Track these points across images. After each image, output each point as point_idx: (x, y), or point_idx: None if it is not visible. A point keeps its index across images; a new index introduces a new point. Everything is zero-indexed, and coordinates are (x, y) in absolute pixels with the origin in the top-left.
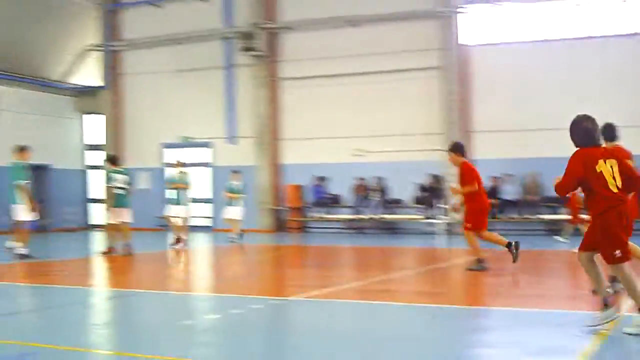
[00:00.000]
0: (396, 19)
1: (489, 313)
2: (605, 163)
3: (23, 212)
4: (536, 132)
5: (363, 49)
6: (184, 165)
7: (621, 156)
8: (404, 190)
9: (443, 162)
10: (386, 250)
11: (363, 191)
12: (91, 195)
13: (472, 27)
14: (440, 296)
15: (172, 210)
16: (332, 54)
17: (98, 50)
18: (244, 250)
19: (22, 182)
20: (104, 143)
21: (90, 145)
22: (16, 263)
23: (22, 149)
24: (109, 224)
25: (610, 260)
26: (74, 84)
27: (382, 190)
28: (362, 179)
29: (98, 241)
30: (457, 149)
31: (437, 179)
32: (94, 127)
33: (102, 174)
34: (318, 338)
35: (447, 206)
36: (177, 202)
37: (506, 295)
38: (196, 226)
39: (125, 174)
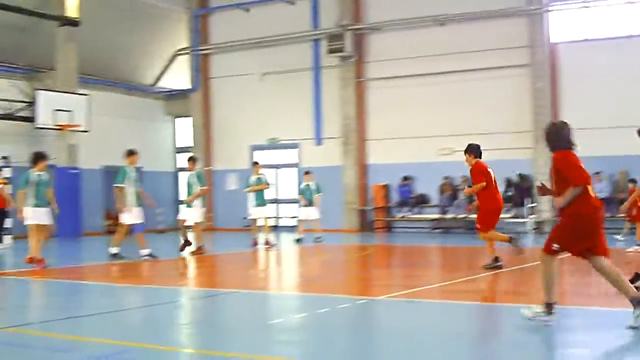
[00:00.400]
0: (485, 18)
1: (575, 312)
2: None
3: (124, 215)
4: (626, 130)
5: (450, 48)
6: (260, 166)
7: None
8: None
9: (532, 160)
10: (472, 250)
11: (449, 190)
12: (181, 197)
13: (561, 24)
14: (526, 296)
15: (255, 212)
16: (419, 53)
17: (187, 54)
18: (330, 250)
19: (123, 185)
20: (193, 145)
21: (181, 147)
22: (147, 262)
23: (129, 153)
24: (195, 224)
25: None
26: (165, 88)
27: None
28: (448, 178)
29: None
30: (471, 150)
31: (525, 177)
32: (184, 130)
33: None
34: (404, 338)
35: (534, 205)
36: (259, 203)
37: (587, 295)
38: (283, 226)
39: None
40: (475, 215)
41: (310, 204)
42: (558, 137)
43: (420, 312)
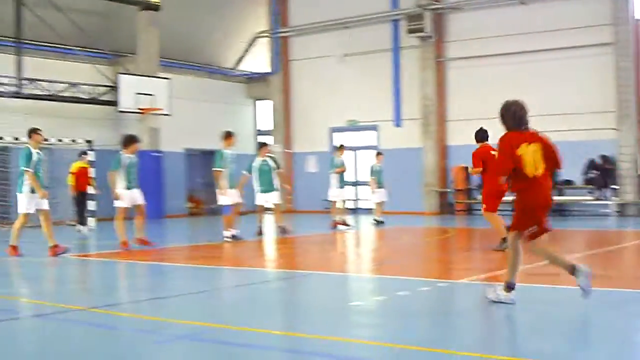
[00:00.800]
0: None
1: None
2: (528, 146)
3: (222, 197)
4: None
5: (531, 27)
6: (344, 149)
7: (542, 138)
8: (574, 171)
9: (616, 141)
10: (555, 233)
11: None
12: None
13: None
14: (611, 280)
15: (336, 194)
16: (500, 32)
17: (267, 37)
18: (409, 232)
19: (221, 169)
20: (273, 128)
21: (261, 130)
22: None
23: (226, 136)
24: (276, 206)
25: (527, 237)
26: (245, 71)
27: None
28: None
29: (267, 224)
30: (475, 135)
31: (608, 159)
32: (265, 113)
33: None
34: (486, 321)
35: (617, 187)
36: (340, 186)
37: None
38: (362, 208)
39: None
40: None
41: (381, 186)
42: (504, 117)
43: None
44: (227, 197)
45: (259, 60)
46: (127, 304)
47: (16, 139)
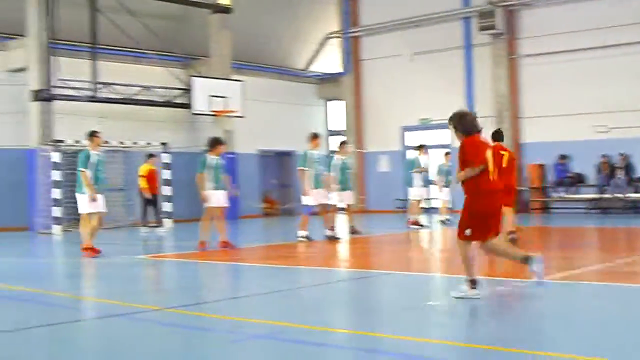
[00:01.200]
0: None
1: None
2: (490, 153)
3: (305, 197)
4: None
5: (605, 22)
6: (424, 148)
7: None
8: None
9: None
10: (632, 230)
11: (607, 169)
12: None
13: None
14: None
15: (417, 193)
16: (573, 28)
17: (338, 37)
18: None
19: (305, 168)
20: (345, 128)
21: (333, 131)
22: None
23: (312, 137)
24: (349, 206)
25: (461, 236)
26: (317, 72)
27: (628, 168)
28: (606, 156)
29: (339, 224)
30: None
31: None
32: (336, 113)
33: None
34: (563, 321)
35: None
36: (421, 185)
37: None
38: (433, 208)
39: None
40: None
41: (447, 185)
42: (461, 123)
43: (578, 294)
44: (310, 197)
45: (330, 60)
46: (203, 304)
47: None
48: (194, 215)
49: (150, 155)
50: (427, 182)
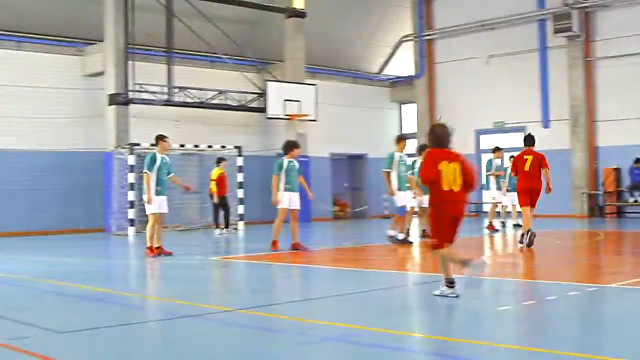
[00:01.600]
0: None
1: None
2: (448, 164)
3: (396, 198)
4: None
5: None
6: (500, 151)
7: (463, 160)
8: None
9: None
10: None
11: None
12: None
13: None
14: None
15: (495, 196)
16: None
17: (412, 40)
18: (557, 236)
19: (389, 170)
20: (417, 131)
21: (406, 134)
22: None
23: (398, 139)
24: (421, 209)
25: (430, 245)
26: (390, 75)
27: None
28: None
29: (413, 226)
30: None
31: None
32: (410, 117)
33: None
34: (633, 326)
35: None
36: (497, 187)
37: None
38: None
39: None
40: None
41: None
42: (431, 136)
43: None
44: (399, 198)
45: (403, 63)
46: (274, 306)
47: None
48: (266, 217)
49: (220, 160)
50: (499, 186)
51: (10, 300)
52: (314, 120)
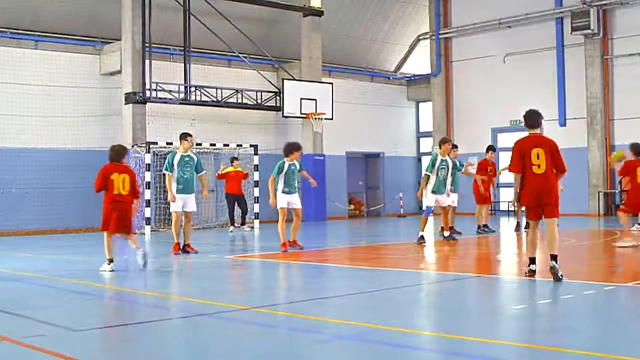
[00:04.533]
0: None
1: None
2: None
3: (424, 199)
4: None
5: None
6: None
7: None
8: None
9: None
10: None
11: None
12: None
13: None
14: None
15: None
16: None
17: (428, 38)
18: (573, 235)
19: (427, 172)
20: (434, 130)
21: (423, 132)
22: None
23: (442, 142)
24: (449, 207)
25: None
26: (407, 73)
27: None
28: None
29: (428, 225)
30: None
31: None
32: (427, 115)
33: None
34: None
35: None
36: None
37: None
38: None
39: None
40: None
41: None
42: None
43: None
44: (426, 199)
45: (420, 62)
46: (289, 304)
47: None
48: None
49: (234, 159)
50: None
51: (27, 298)
52: (330, 119)
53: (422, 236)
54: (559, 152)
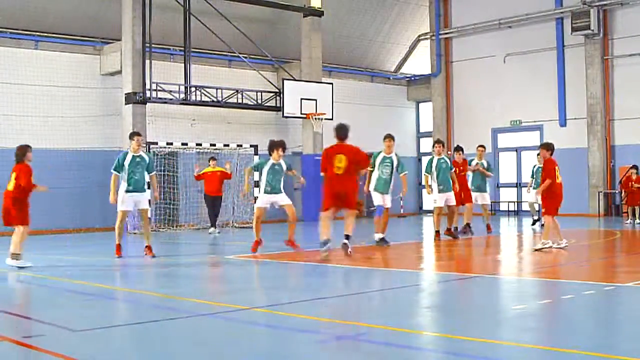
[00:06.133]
0: None
1: None
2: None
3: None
4: None
5: None
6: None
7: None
8: None
9: None
10: None
11: None
12: (423, 182)
13: None
14: None
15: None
16: None
17: (429, 39)
18: (574, 235)
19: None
20: (434, 130)
21: (424, 132)
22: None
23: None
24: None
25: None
26: (407, 74)
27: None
28: None
29: (428, 225)
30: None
31: None
32: (426, 115)
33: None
34: None
35: None
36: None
37: None
38: (525, 210)
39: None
40: None
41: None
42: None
43: None
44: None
45: (420, 62)
46: (289, 304)
47: (184, 144)
48: (281, 216)
49: (212, 158)
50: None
51: (27, 299)
52: (330, 119)
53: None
54: None
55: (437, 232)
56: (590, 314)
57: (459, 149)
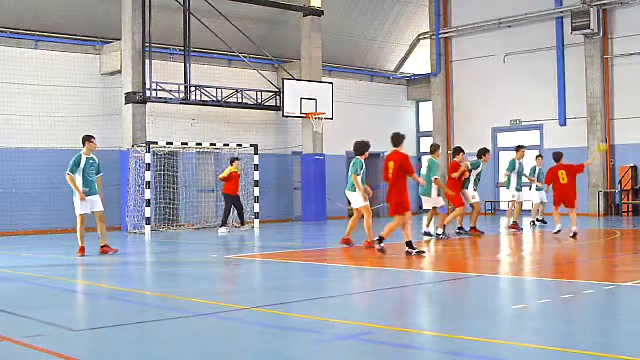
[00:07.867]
0: None
1: None
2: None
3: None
4: None
5: None
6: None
7: None
8: None
9: None
10: None
11: None
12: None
13: None
14: None
15: (514, 196)
16: None
17: (428, 38)
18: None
19: (435, 177)
20: (434, 130)
21: (424, 132)
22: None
23: (434, 148)
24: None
25: None
26: (407, 73)
27: None
28: None
29: (424, 226)
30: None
31: None
32: (427, 115)
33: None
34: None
35: None
36: (518, 188)
37: None
38: (524, 210)
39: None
40: None
41: (539, 187)
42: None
43: None
44: (435, 200)
45: (420, 62)
46: (290, 304)
47: (184, 144)
48: (281, 216)
49: (234, 159)
50: (523, 185)
51: (26, 298)
52: (330, 119)
53: (444, 232)
54: None
55: (427, 233)
56: (590, 314)
57: (459, 150)
